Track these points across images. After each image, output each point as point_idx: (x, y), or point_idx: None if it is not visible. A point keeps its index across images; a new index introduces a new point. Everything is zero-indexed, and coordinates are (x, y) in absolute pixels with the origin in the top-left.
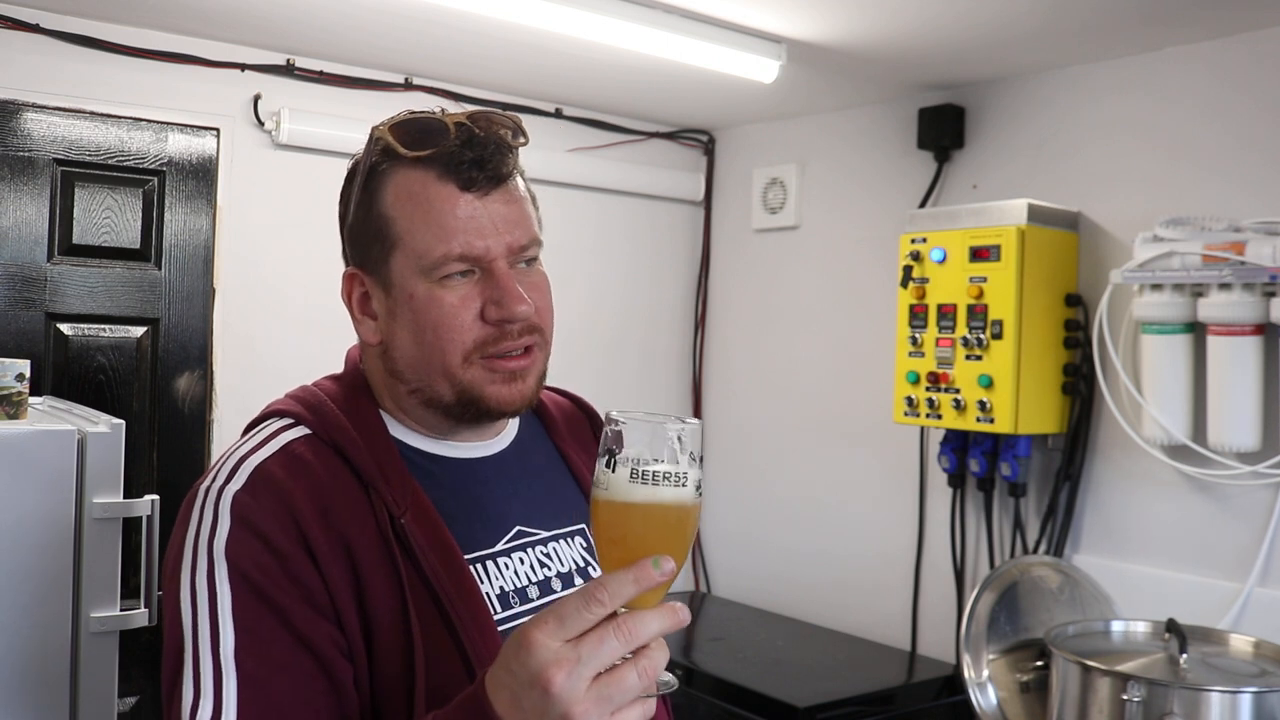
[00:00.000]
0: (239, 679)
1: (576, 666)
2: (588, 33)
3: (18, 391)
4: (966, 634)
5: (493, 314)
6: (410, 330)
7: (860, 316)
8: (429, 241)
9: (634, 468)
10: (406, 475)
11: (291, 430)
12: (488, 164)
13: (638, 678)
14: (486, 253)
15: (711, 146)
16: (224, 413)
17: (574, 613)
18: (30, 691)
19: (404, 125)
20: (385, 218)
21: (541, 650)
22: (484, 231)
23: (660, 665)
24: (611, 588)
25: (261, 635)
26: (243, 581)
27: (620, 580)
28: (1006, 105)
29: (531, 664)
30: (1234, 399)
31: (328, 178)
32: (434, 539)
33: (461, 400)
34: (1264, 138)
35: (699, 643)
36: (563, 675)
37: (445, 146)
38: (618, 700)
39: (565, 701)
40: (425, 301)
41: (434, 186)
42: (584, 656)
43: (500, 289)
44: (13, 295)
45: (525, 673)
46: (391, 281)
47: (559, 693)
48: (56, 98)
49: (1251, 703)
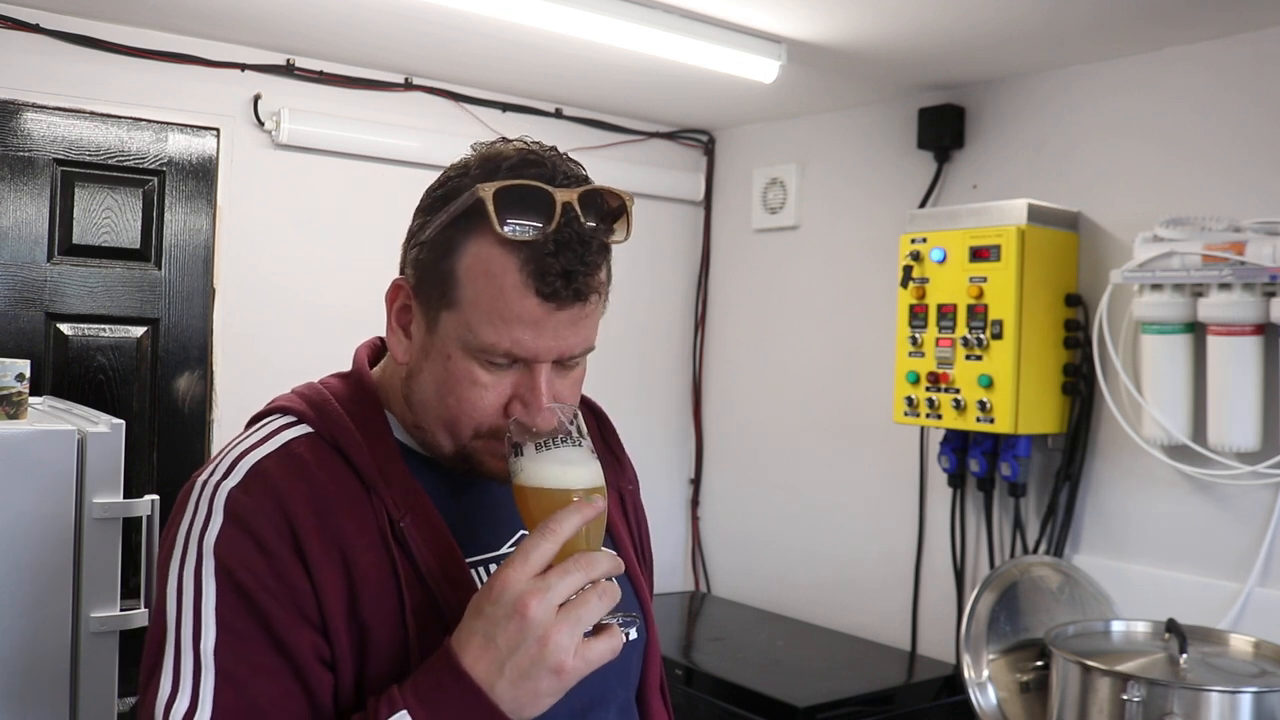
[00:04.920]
0: (217, 677)
1: (547, 594)
2: (588, 33)
3: (18, 391)
4: (966, 634)
5: (516, 411)
6: (436, 383)
7: (860, 316)
8: (484, 325)
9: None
10: (409, 477)
11: (293, 428)
12: (576, 280)
13: (599, 599)
14: (535, 356)
15: (711, 146)
16: (224, 413)
17: (534, 546)
18: (30, 691)
19: (509, 194)
20: (454, 277)
21: (514, 584)
22: (541, 336)
23: (617, 593)
24: (560, 519)
25: (242, 635)
26: (228, 580)
27: (563, 514)
28: (1006, 105)
29: (506, 598)
30: (1234, 399)
31: (327, 178)
32: (434, 542)
33: (457, 458)
34: (1264, 138)
35: (699, 643)
36: (536, 601)
37: (541, 242)
38: (586, 620)
39: (541, 624)
40: (461, 372)
41: (512, 278)
42: (551, 584)
43: (533, 393)
44: (13, 295)
45: (500, 609)
46: (438, 331)
47: (534, 615)
48: (56, 98)
49: (1251, 703)
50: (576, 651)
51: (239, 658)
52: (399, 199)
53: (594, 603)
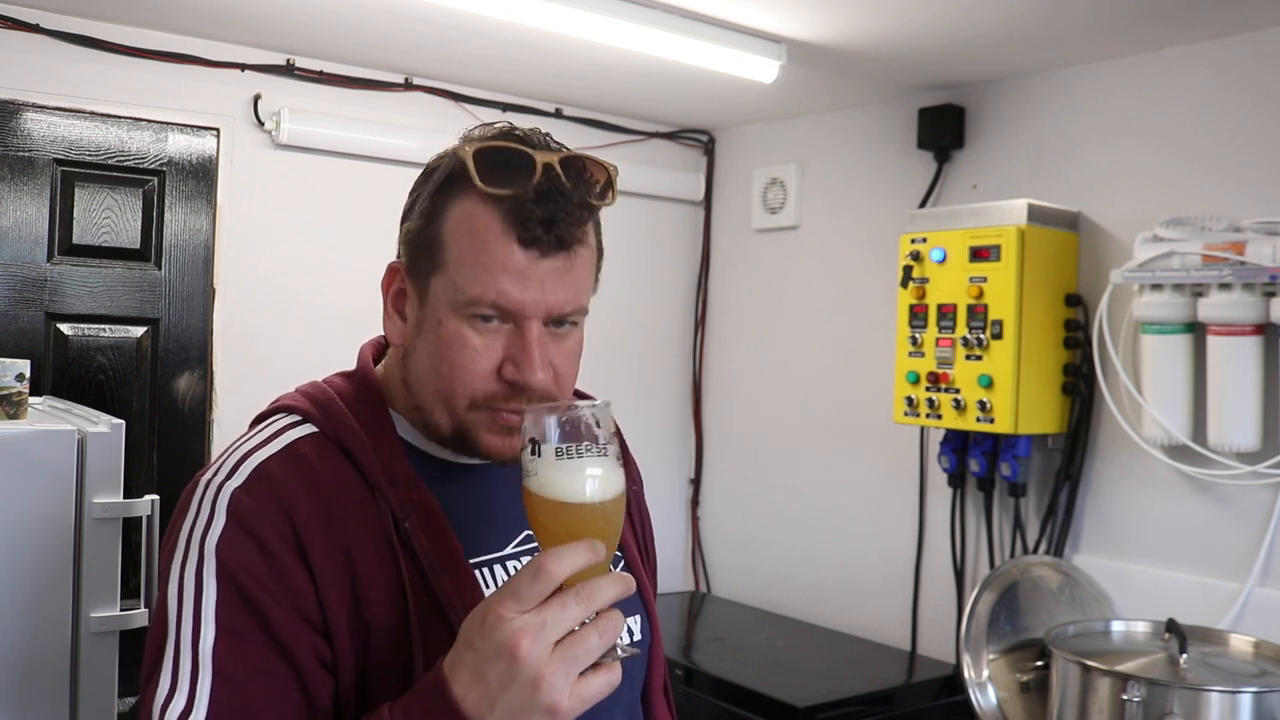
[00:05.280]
0: (214, 677)
1: (541, 631)
2: (588, 33)
3: (18, 391)
4: (966, 634)
5: (509, 373)
6: (429, 354)
7: (860, 316)
8: (469, 279)
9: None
10: (414, 477)
11: (297, 428)
12: (557, 226)
13: (599, 638)
14: (522, 309)
15: (711, 146)
16: (224, 413)
17: (527, 587)
18: (30, 691)
19: (489, 154)
20: (440, 239)
21: (506, 621)
22: (528, 288)
23: (619, 628)
24: (558, 560)
25: (241, 636)
26: (229, 581)
27: (565, 554)
28: (1006, 105)
29: (497, 636)
30: (1234, 399)
31: (327, 178)
32: (438, 542)
33: (456, 436)
34: (1264, 138)
35: (699, 643)
36: (529, 640)
37: (522, 193)
38: (583, 660)
39: (533, 665)
40: (451, 335)
41: (494, 229)
42: (548, 621)
43: (524, 352)
44: (13, 295)
45: (490, 645)
46: (428, 300)
47: (526, 656)
48: (56, 98)
49: (1251, 703)
50: (572, 691)
51: (237, 658)
52: (399, 199)
53: (593, 641)
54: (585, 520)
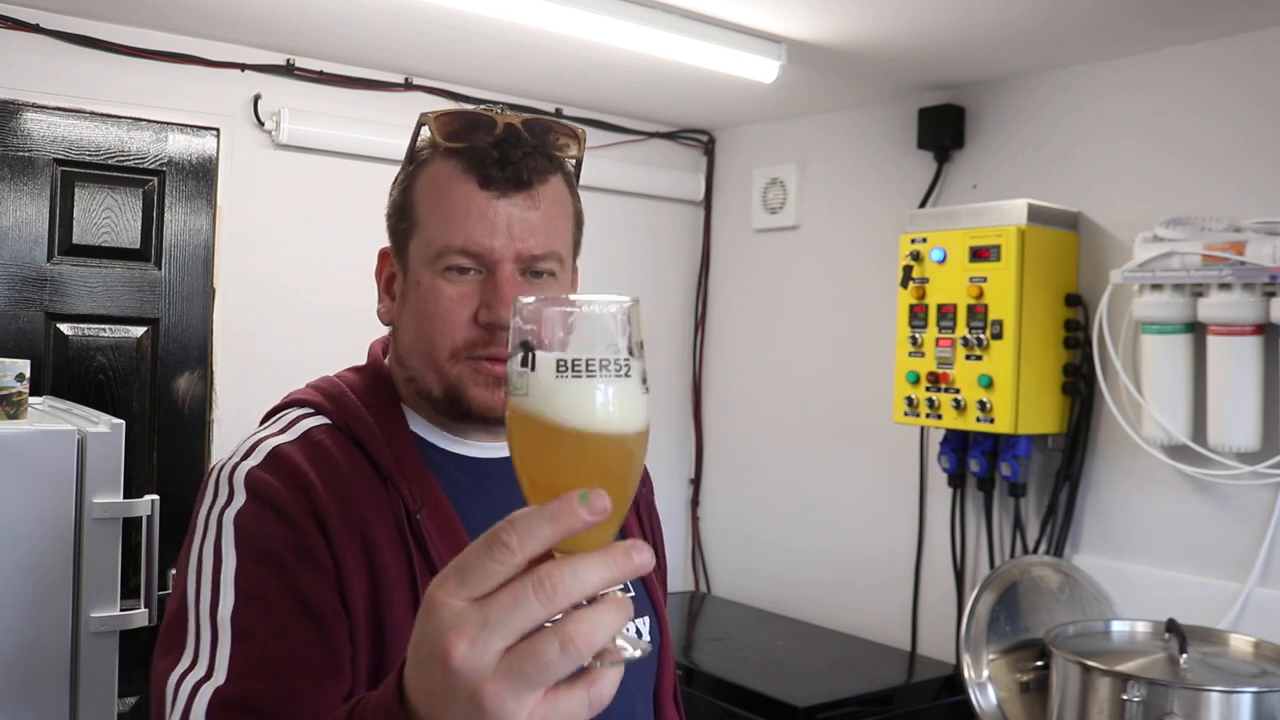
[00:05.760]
0: (234, 641)
1: (481, 632)
2: (588, 33)
3: (18, 391)
4: (966, 634)
5: (483, 316)
6: (412, 317)
7: (860, 316)
8: (437, 230)
9: (560, 358)
10: (425, 470)
11: (311, 419)
12: (511, 165)
13: (559, 650)
14: (490, 252)
15: (711, 146)
16: (224, 413)
17: (476, 563)
18: (30, 691)
19: (451, 115)
20: (411, 202)
21: (442, 612)
22: (493, 231)
23: (598, 631)
24: (521, 529)
25: (263, 599)
26: (249, 547)
27: (533, 519)
28: (1006, 105)
29: (431, 631)
30: (1234, 399)
31: (327, 178)
32: (449, 535)
33: (447, 396)
34: (1264, 138)
35: (699, 643)
36: (465, 644)
37: (479, 143)
38: (536, 680)
39: (469, 678)
40: (428, 291)
41: (457, 179)
42: (491, 620)
43: (495, 293)
44: (13, 295)
45: (426, 643)
46: (408, 266)
47: (459, 667)
48: (56, 98)
49: (1251, 703)
50: (531, 712)
51: (257, 620)
52: None
53: (548, 655)
54: (588, 458)
